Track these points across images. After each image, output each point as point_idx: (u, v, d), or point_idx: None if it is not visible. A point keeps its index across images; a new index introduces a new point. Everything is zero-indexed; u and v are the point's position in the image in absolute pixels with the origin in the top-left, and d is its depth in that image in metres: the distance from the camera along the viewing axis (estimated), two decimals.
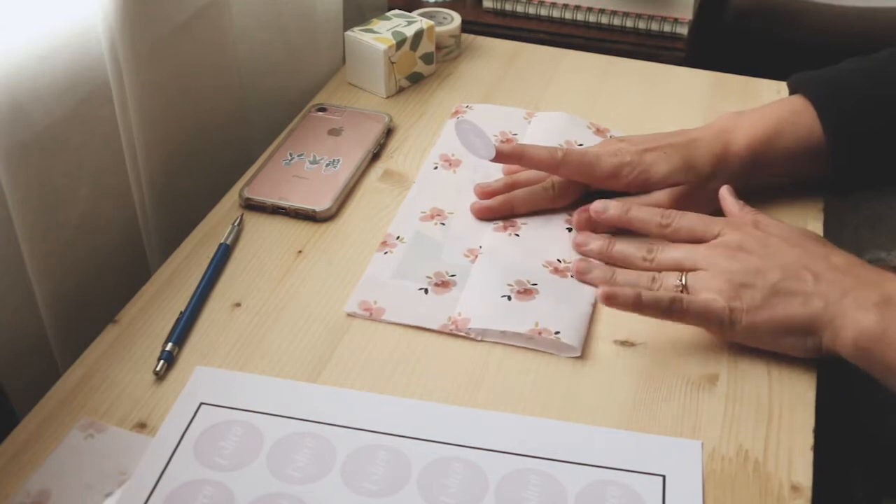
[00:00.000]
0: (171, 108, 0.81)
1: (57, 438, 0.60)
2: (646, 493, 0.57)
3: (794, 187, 0.81)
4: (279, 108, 0.95)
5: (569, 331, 0.67)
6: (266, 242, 0.76)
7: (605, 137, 0.86)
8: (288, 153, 0.84)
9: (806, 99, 0.76)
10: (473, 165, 0.83)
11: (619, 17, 1.17)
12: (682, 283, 0.66)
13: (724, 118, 0.78)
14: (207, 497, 0.57)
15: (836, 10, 1.27)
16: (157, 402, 0.63)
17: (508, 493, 0.57)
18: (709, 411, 0.62)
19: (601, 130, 0.87)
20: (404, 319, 0.68)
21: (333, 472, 0.58)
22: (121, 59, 0.73)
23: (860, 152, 0.75)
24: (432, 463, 0.59)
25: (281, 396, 0.63)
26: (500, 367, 0.65)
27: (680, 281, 0.66)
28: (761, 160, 0.76)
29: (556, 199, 0.78)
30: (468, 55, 1.01)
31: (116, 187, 0.79)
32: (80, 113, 0.72)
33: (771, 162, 0.76)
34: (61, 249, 0.74)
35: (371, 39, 0.91)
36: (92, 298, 0.78)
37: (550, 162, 0.75)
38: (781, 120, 0.76)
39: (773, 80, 0.94)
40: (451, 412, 0.62)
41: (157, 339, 0.67)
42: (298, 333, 0.68)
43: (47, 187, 0.71)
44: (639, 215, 0.72)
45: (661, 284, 0.67)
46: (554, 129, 0.86)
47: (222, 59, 0.87)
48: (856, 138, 0.75)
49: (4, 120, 0.65)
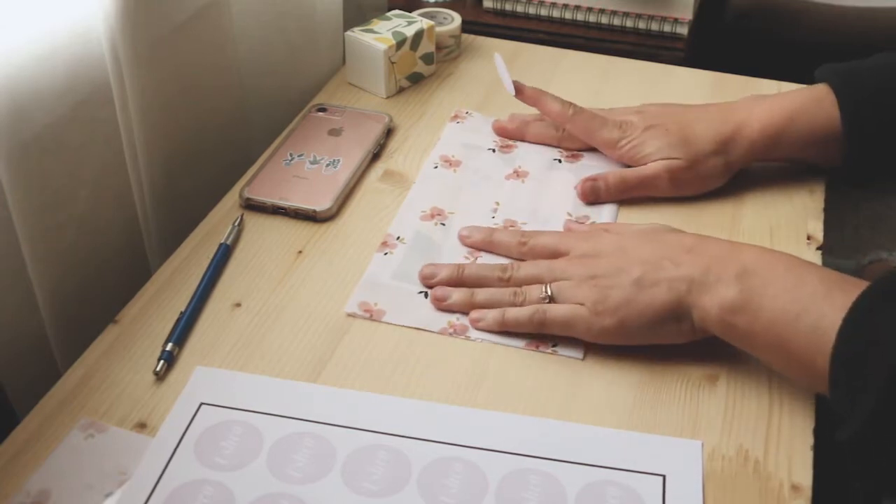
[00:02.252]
0: (171, 108, 0.81)
1: (57, 438, 0.60)
2: (646, 493, 0.57)
3: (794, 187, 0.81)
4: (279, 108, 0.95)
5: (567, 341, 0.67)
6: (266, 242, 0.76)
7: None
8: (288, 153, 0.84)
9: (829, 87, 0.77)
10: (474, 167, 0.83)
11: (619, 17, 1.17)
12: (548, 293, 0.67)
13: (747, 99, 0.80)
14: (207, 497, 0.57)
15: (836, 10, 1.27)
16: (157, 402, 0.63)
17: (508, 493, 0.57)
18: (709, 411, 0.62)
19: None
20: (404, 322, 0.68)
21: (333, 472, 0.58)
22: (121, 59, 0.73)
23: (875, 143, 0.75)
24: (432, 463, 0.59)
25: (281, 396, 0.63)
26: (500, 367, 0.65)
27: (545, 292, 0.67)
28: (774, 144, 0.77)
29: (563, 140, 0.85)
30: (468, 55, 1.01)
31: (116, 187, 0.79)
32: (80, 113, 0.72)
33: (784, 146, 0.77)
34: (61, 249, 0.74)
35: (371, 39, 0.91)
36: (92, 298, 0.78)
37: (561, 114, 0.83)
38: (801, 106, 0.77)
39: (773, 80, 0.94)
40: (451, 412, 0.62)
41: (157, 339, 0.67)
42: (298, 333, 0.68)
43: (47, 187, 0.71)
44: (500, 238, 0.73)
45: (525, 297, 0.67)
46: None
47: (222, 59, 0.87)
48: (872, 128, 0.75)
49: (4, 120, 0.65)
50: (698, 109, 0.80)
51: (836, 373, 0.56)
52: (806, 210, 0.79)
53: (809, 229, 0.77)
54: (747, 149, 0.78)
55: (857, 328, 0.55)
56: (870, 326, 0.55)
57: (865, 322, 0.55)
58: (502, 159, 0.84)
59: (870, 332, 0.55)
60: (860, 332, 0.55)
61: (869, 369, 0.54)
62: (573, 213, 0.78)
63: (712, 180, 0.79)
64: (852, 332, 0.55)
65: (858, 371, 0.54)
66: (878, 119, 0.75)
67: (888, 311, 0.55)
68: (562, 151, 0.85)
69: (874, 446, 0.55)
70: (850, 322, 0.56)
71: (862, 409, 0.54)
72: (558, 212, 0.78)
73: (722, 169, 0.78)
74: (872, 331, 0.55)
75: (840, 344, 0.56)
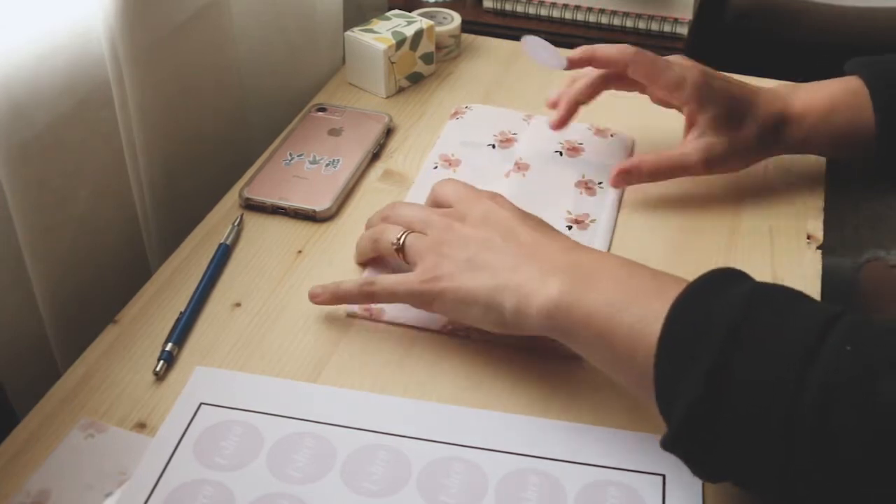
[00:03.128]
0: (171, 108, 0.81)
1: (57, 438, 0.60)
2: (646, 493, 0.57)
3: (794, 187, 0.81)
4: (279, 108, 0.95)
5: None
6: (266, 242, 0.76)
7: (605, 137, 0.86)
8: (288, 153, 0.84)
9: (861, 79, 0.76)
10: (473, 164, 0.83)
11: (620, 17, 1.17)
12: (400, 241, 0.67)
13: (781, 86, 0.79)
14: (207, 497, 0.57)
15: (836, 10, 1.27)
16: (157, 402, 0.63)
17: (508, 493, 0.57)
18: None
19: (601, 131, 0.87)
20: (405, 320, 0.68)
21: (333, 472, 0.58)
22: (121, 59, 0.73)
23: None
24: (432, 463, 0.59)
25: (281, 396, 0.63)
26: (500, 367, 0.65)
27: (398, 239, 0.67)
28: (813, 132, 0.77)
29: (622, 83, 0.81)
30: (468, 55, 1.01)
31: (116, 187, 0.79)
32: (80, 113, 0.72)
33: (822, 135, 0.77)
34: (61, 249, 0.74)
35: (371, 39, 0.91)
36: (92, 298, 0.78)
37: (621, 55, 0.78)
38: (837, 96, 0.76)
39: (773, 79, 0.94)
40: (451, 412, 0.62)
41: (157, 339, 0.67)
42: (298, 333, 0.68)
43: (47, 187, 0.71)
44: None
45: (382, 236, 0.68)
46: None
47: (222, 59, 0.87)
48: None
49: (4, 120, 0.65)
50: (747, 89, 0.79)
51: (659, 369, 0.52)
52: (806, 210, 0.79)
53: (809, 229, 0.77)
54: (793, 131, 0.77)
55: (681, 320, 0.52)
56: (696, 315, 0.52)
57: (689, 315, 0.52)
58: (502, 154, 0.84)
59: (695, 320, 0.52)
60: (683, 325, 0.52)
61: (688, 364, 0.50)
62: (573, 211, 0.78)
63: (745, 163, 0.78)
64: (675, 326, 0.52)
65: (682, 360, 0.51)
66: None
67: (716, 299, 0.52)
68: (563, 144, 0.85)
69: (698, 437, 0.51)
70: (674, 314, 0.52)
71: (685, 398, 0.50)
72: (559, 207, 0.78)
73: (758, 151, 0.77)
74: (698, 319, 0.52)
75: (664, 338, 0.52)
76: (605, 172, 0.81)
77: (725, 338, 0.50)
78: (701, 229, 0.77)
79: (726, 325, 0.50)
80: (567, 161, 0.83)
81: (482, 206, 0.66)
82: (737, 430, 0.49)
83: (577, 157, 0.84)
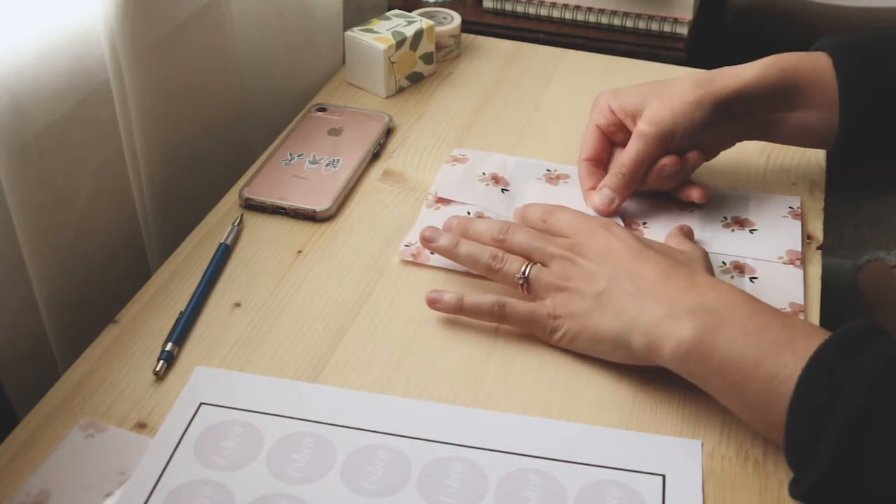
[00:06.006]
0: (171, 108, 0.81)
1: (57, 438, 0.60)
2: (646, 492, 0.57)
3: (794, 187, 0.81)
4: (279, 108, 0.95)
5: None
6: (266, 242, 0.76)
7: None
8: (288, 153, 0.84)
9: (826, 55, 0.74)
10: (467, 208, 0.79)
11: (620, 18, 1.17)
12: (525, 275, 0.67)
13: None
14: (207, 497, 0.57)
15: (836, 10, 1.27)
16: (157, 402, 0.63)
17: (508, 493, 0.57)
18: (709, 411, 0.62)
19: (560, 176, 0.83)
20: (448, 266, 0.72)
21: (333, 472, 0.58)
22: (121, 59, 0.73)
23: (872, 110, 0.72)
24: (432, 463, 0.59)
25: (281, 396, 0.63)
26: (500, 367, 0.65)
27: (523, 273, 0.67)
28: (766, 95, 0.73)
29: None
30: (468, 55, 1.01)
31: (116, 187, 0.79)
32: (80, 113, 0.72)
33: (778, 100, 0.74)
34: (61, 249, 0.74)
35: (371, 39, 0.91)
36: (92, 298, 0.78)
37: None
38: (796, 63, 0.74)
39: None
40: (451, 412, 0.62)
41: (157, 339, 0.67)
42: (298, 333, 0.68)
43: (47, 187, 0.71)
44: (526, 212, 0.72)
45: (504, 267, 0.67)
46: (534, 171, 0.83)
47: (222, 59, 0.88)
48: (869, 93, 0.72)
49: (4, 120, 0.65)
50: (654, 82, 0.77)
51: (792, 424, 0.54)
52: (806, 210, 0.79)
53: (809, 229, 0.77)
54: (734, 90, 0.73)
55: (817, 380, 0.54)
56: (829, 379, 0.54)
57: (824, 375, 0.54)
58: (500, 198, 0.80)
59: (828, 384, 0.53)
60: (818, 385, 0.54)
61: (826, 422, 0.52)
62: None
63: (703, 125, 0.73)
64: (811, 385, 0.54)
65: (815, 424, 0.53)
66: (875, 84, 0.72)
67: (847, 364, 0.53)
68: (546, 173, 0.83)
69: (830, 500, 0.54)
70: (808, 373, 0.54)
71: (818, 462, 0.52)
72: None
73: (707, 115, 0.73)
74: (831, 383, 0.53)
75: (797, 396, 0.54)
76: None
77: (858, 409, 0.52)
78: None
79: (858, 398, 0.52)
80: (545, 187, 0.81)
81: (601, 239, 0.66)
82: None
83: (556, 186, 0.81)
